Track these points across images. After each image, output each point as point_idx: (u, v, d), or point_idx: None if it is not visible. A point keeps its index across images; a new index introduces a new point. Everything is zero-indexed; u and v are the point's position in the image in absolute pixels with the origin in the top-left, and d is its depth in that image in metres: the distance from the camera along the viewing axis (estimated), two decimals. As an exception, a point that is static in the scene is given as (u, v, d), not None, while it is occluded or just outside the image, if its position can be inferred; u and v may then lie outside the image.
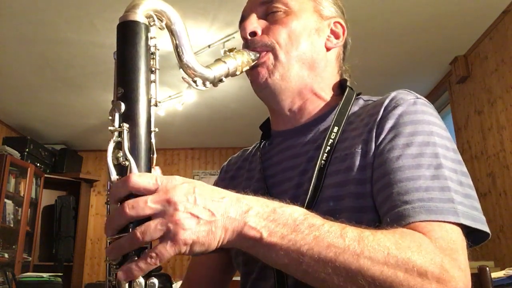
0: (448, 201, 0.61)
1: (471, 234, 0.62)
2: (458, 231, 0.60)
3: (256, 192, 0.79)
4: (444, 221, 0.59)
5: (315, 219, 0.56)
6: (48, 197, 5.04)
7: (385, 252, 0.54)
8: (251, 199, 0.57)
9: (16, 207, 4.25)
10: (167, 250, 0.50)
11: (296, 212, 0.56)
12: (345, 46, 0.89)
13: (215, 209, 0.53)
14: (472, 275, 0.60)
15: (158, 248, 0.50)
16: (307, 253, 0.53)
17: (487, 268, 0.99)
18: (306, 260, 0.53)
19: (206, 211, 0.52)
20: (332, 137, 0.75)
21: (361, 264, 0.53)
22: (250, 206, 0.55)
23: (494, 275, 1.73)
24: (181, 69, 0.66)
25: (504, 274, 1.75)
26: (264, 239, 0.54)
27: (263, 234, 0.54)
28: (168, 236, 0.50)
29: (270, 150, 0.87)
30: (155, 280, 0.52)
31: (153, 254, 0.50)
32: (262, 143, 0.90)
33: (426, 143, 0.67)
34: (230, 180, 0.92)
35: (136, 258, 0.51)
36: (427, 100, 0.75)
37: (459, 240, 0.59)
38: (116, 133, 0.56)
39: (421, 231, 0.58)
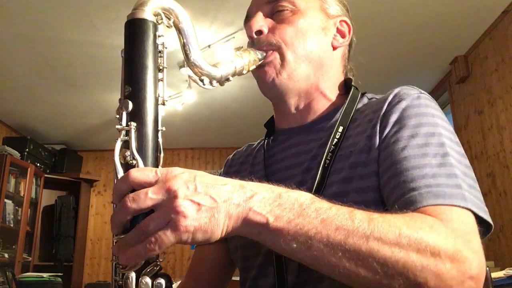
0: (456, 187, 0.60)
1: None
2: (469, 215, 0.59)
3: None
4: (453, 205, 0.58)
5: (322, 203, 0.55)
6: (48, 197, 5.04)
7: (396, 232, 0.52)
8: (255, 185, 0.55)
9: (16, 207, 4.24)
10: (168, 236, 0.48)
11: (302, 197, 0.55)
12: (350, 45, 0.88)
13: (217, 195, 0.51)
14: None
15: (158, 233, 0.48)
16: (315, 237, 0.51)
17: (487, 268, 0.99)
18: (314, 244, 0.52)
19: (208, 198, 0.50)
20: (337, 136, 0.75)
21: (372, 246, 0.51)
22: (255, 192, 0.53)
23: (494, 275, 1.74)
24: (188, 68, 0.66)
25: (504, 274, 1.75)
26: (270, 225, 0.52)
27: (269, 219, 0.52)
28: (169, 223, 0.48)
29: (273, 147, 0.87)
30: (162, 281, 0.51)
31: (153, 239, 0.48)
32: (267, 140, 0.90)
33: (432, 134, 0.67)
34: (234, 174, 0.92)
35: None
36: (430, 96, 0.75)
37: (470, 223, 0.58)
38: (123, 132, 0.55)
39: (431, 215, 0.57)
